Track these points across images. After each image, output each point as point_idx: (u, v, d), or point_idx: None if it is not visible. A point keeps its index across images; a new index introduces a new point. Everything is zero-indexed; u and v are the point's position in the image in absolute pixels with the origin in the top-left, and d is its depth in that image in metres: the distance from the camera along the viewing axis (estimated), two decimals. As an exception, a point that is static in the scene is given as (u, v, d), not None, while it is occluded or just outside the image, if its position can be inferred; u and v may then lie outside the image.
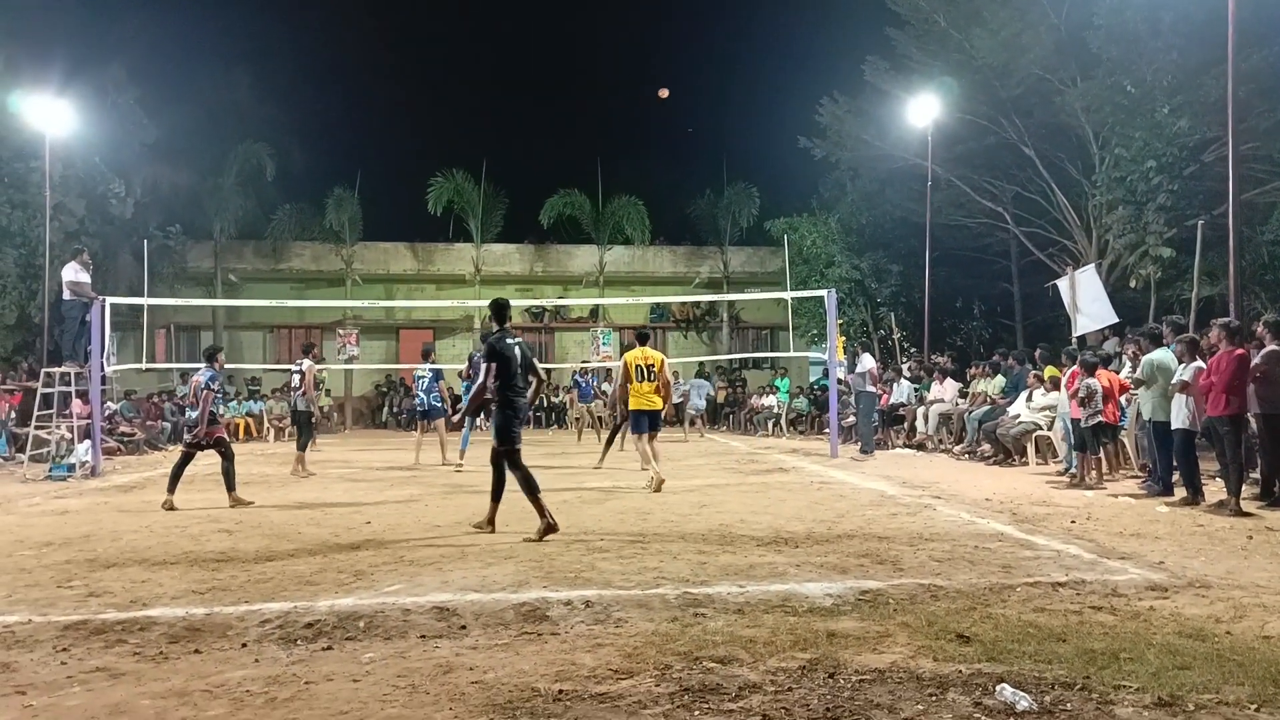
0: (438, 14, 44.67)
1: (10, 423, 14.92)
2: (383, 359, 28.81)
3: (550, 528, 6.38)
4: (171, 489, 8.51)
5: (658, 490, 9.27)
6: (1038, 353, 13.85)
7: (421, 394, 13.04)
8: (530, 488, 6.54)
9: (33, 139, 17.29)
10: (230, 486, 8.67)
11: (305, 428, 12.08)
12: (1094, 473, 9.88)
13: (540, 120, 42.96)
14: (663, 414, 10.33)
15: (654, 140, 42.53)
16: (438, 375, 13.18)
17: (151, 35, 26.46)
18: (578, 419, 24.05)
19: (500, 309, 7.11)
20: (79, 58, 21.42)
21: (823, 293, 16.08)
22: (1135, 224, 16.12)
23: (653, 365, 9.89)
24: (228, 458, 8.73)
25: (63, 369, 12.99)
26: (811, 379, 27.06)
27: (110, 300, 13.32)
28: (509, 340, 6.80)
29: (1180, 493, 8.49)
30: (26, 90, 16.96)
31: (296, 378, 12.13)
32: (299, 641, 3.96)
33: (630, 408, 9.99)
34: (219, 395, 9.02)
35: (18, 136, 17.83)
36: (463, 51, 46.72)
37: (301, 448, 11.98)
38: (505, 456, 6.68)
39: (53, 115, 16.22)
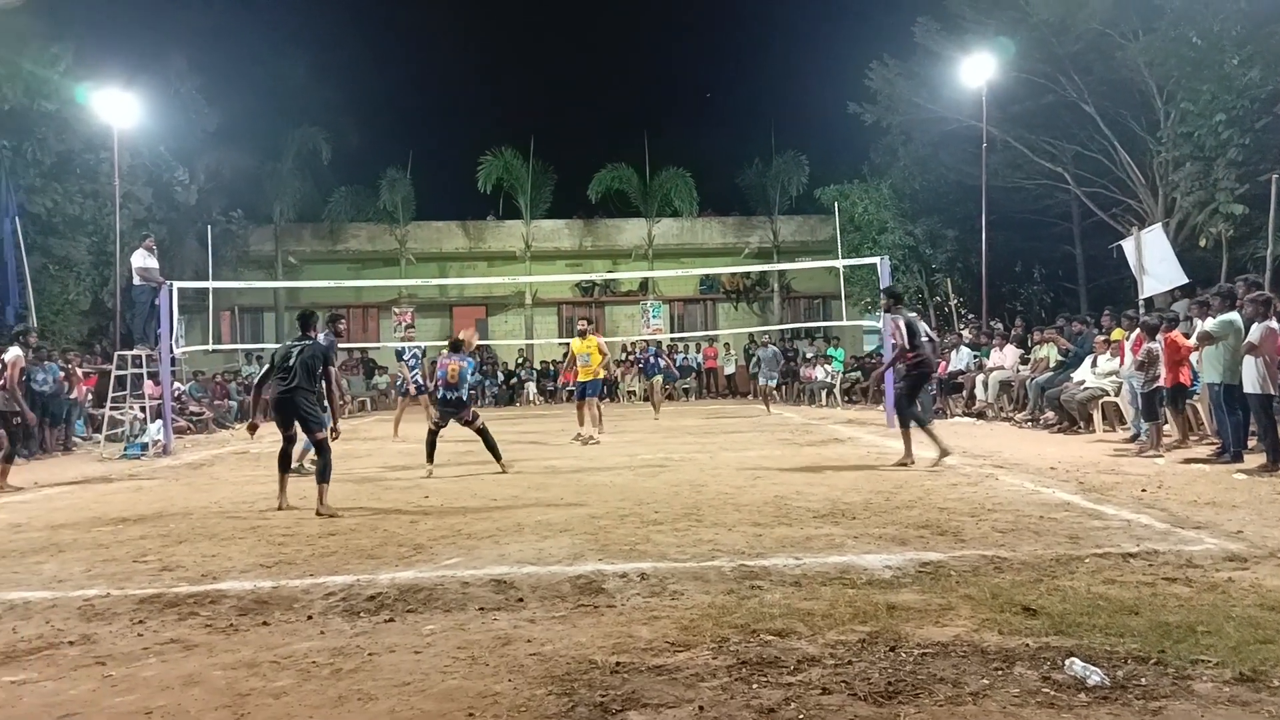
0: (484, -8, 44.59)
1: (87, 404, 15.48)
2: (437, 336, 29.19)
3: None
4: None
5: (586, 443, 12.04)
6: (1105, 316, 13.43)
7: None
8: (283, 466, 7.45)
9: (101, 130, 17.78)
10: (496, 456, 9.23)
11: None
12: (1164, 440, 9.58)
13: (587, 95, 42.79)
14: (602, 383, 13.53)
15: (701, 111, 42.12)
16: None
17: (210, 24, 27.02)
18: (631, 392, 24.14)
19: (301, 320, 7.76)
20: (143, 49, 22.02)
21: (875, 260, 15.80)
22: (1204, 180, 15.48)
23: (589, 353, 12.56)
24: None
25: (134, 352, 13.42)
26: (868, 348, 26.72)
27: (177, 285, 13.70)
28: (289, 344, 7.53)
29: (1254, 459, 8.19)
30: (95, 83, 17.43)
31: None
32: (362, 614, 4.04)
33: (582, 379, 12.71)
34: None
35: (87, 128, 18.35)
36: (510, 30, 46.66)
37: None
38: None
39: (120, 107, 16.65)
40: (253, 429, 7.75)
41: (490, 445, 9.16)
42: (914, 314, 9.38)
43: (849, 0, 41.74)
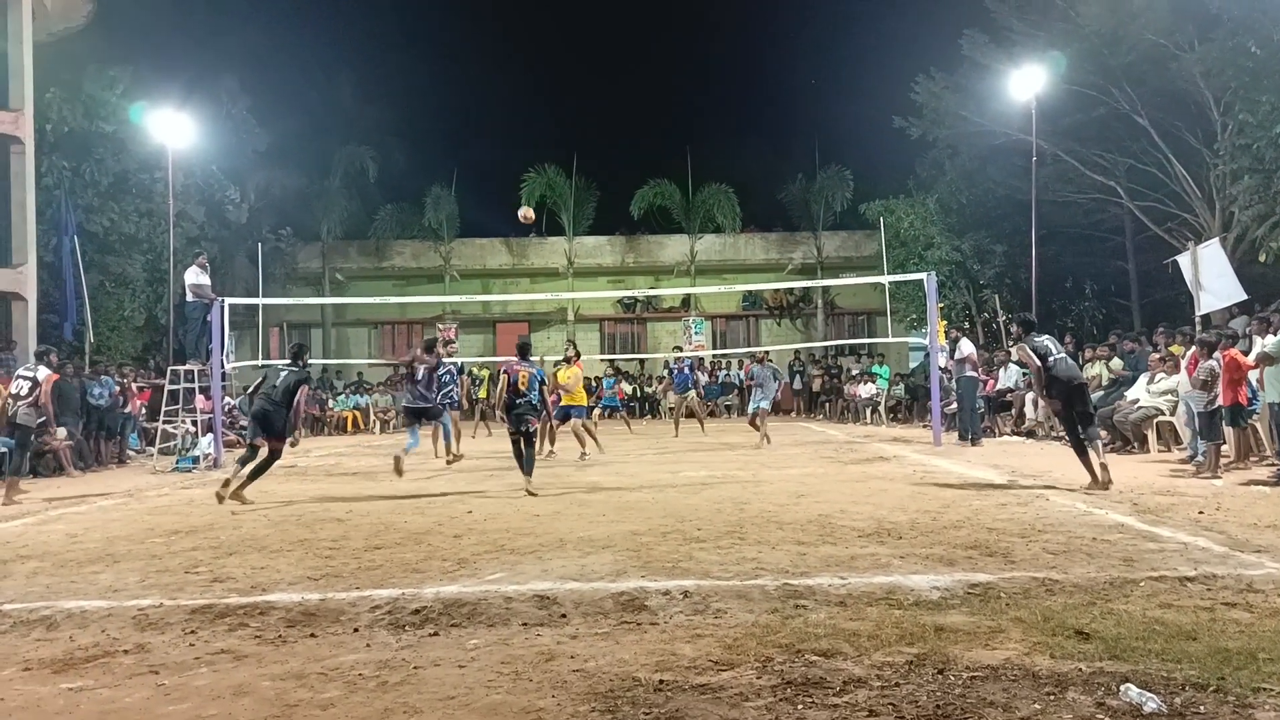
0: (527, 12, 45.31)
1: (141, 418, 15.87)
2: (480, 352, 29.49)
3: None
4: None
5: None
6: (1159, 333, 13.12)
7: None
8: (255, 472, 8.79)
9: (156, 151, 18.37)
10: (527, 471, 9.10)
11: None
12: (1222, 460, 9.30)
13: (629, 112, 43.13)
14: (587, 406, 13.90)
15: (744, 127, 42.17)
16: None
17: (261, 47, 27.79)
18: (672, 409, 24.01)
19: (294, 351, 9.42)
20: (196, 72, 22.72)
21: (922, 276, 15.63)
22: (1264, 193, 15.07)
23: (569, 381, 12.82)
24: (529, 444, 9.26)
25: (187, 367, 13.73)
26: (912, 365, 26.41)
27: (228, 301, 14.01)
28: (280, 368, 9.17)
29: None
30: (151, 105, 18.02)
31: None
32: (407, 627, 4.07)
33: (566, 403, 12.74)
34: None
35: (143, 149, 18.97)
36: (552, 48, 47.24)
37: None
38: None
39: (174, 128, 17.20)
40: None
41: (530, 459, 9.11)
42: (1044, 337, 8.93)
43: (893, 14, 41.54)
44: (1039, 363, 8.51)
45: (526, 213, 10.43)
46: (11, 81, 16.69)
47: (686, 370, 18.22)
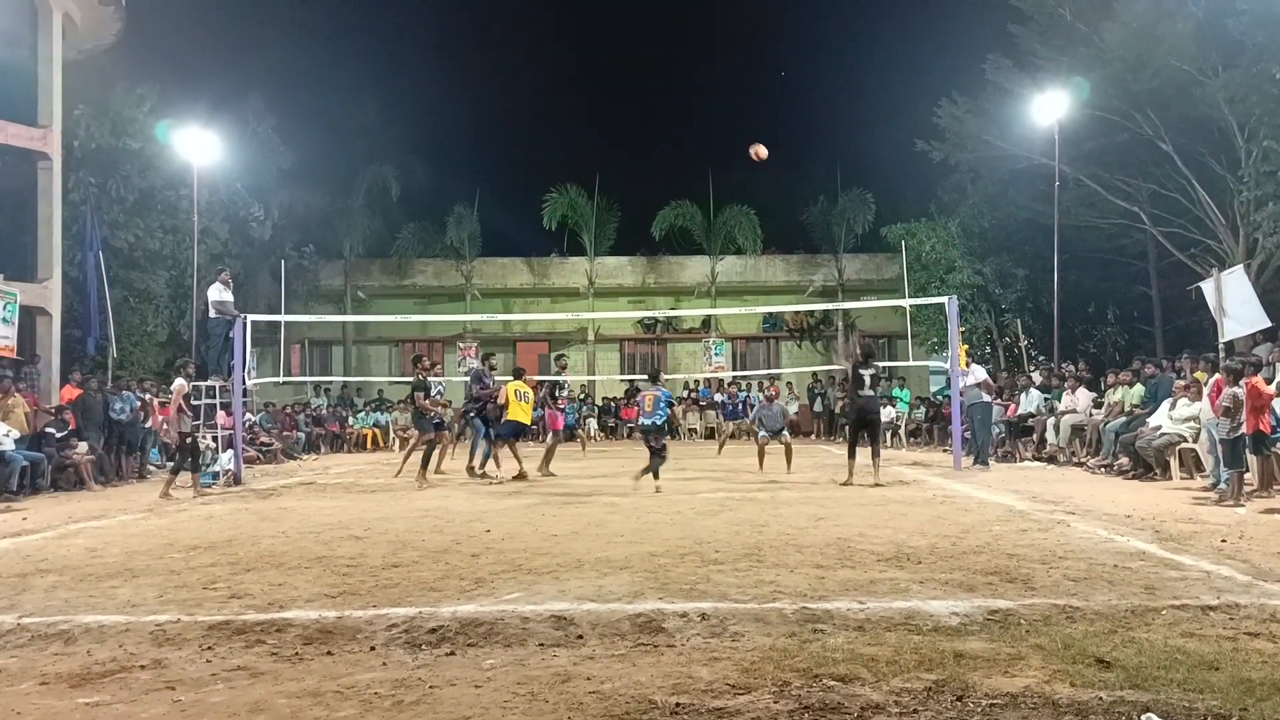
0: (550, 33, 45.79)
1: (162, 433, 15.99)
2: (501, 371, 29.53)
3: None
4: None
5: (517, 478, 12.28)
6: (1184, 359, 12.98)
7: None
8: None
9: (182, 168, 18.66)
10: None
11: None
12: (1245, 488, 9.16)
13: (651, 133, 43.38)
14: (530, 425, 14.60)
15: (766, 149, 42.26)
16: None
17: (286, 66, 28.24)
18: (693, 429, 24.01)
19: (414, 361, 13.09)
20: (222, 91, 23.16)
21: (943, 299, 15.58)
22: (1289, 220, 14.98)
23: (527, 392, 12.97)
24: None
25: (208, 383, 13.85)
26: (933, 389, 26.26)
27: (251, 318, 14.13)
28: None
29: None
30: (177, 122, 18.32)
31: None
32: (423, 646, 4.07)
33: (511, 417, 12.80)
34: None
35: (169, 166, 19.27)
36: (575, 68, 47.66)
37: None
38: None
39: (200, 145, 17.43)
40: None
41: (656, 467, 10.42)
42: (868, 371, 11.32)
43: (917, 37, 41.70)
44: (851, 387, 11.24)
45: (758, 150, 12.91)
46: (41, 98, 17.00)
47: (739, 406, 18.25)
